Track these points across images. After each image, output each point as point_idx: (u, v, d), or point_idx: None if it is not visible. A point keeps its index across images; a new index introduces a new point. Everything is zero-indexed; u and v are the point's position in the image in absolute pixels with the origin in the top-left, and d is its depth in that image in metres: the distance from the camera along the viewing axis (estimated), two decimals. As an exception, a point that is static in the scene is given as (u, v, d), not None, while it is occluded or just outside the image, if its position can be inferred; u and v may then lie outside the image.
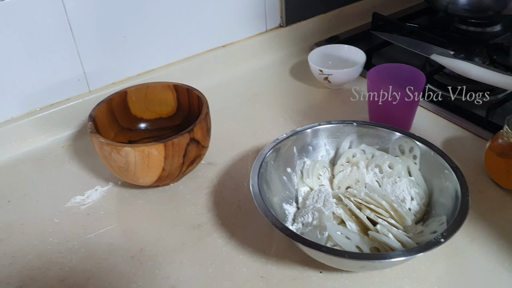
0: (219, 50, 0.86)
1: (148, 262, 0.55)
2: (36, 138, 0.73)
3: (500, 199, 0.60)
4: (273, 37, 0.91)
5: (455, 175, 0.53)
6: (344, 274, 0.52)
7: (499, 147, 0.60)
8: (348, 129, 0.62)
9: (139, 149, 0.57)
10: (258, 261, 0.54)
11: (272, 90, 0.85)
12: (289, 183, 0.60)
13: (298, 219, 0.56)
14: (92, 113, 0.63)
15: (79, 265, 0.55)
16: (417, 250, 0.46)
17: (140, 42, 0.77)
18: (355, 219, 0.54)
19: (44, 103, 0.73)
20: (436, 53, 0.79)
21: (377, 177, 0.59)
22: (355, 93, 0.80)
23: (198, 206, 0.62)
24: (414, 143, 0.59)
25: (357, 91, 0.80)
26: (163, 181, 0.62)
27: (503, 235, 0.56)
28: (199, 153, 0.62)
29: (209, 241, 0.57)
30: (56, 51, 0.71)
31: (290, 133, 0.61)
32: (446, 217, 0.51)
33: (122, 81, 0.78)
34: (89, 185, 0.66)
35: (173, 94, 0.69)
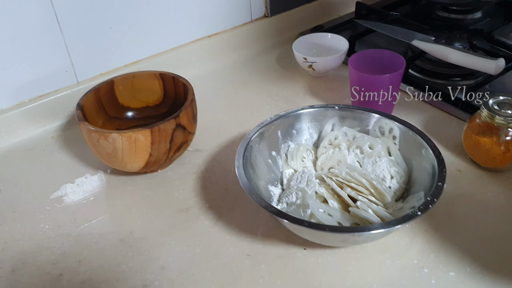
0: (204, 40, 0.88)
1: (138, 244, 0.57)
2: (26, 129, 0.75)
3: (478, 177, 0.63)
4: (258, 27, 0.93)
5: (432, 152, 0.55)
6: (327, 250, 0.54)
7: (477, 127, 0.62)
8: (330, 113, 0.64)
9: (126, 135, 0.58)
10: (245, 241, 0.56)
11: (258, 78, 0.87)
12: (274, 166, 0.62)
13: (282, 199, 0.57)
14: (80, 102, 0.64)
15: (70, 249, 0.57)
16: (395, 222, 0.48)
17: (127, 33, 0.79)
18: (337, 197, 0.56)
19: (33, 94, 0.74)
20: (417, 39, 0.81)
21: (358, 158, 0.61)
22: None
23: (186, 191, 0.64)
24: (394, 124, 0.61)
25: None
26: (151, 167, 0.64)
27: (480, 211, 0.58)
28: (185, 139, 0.64)
29: (197, 223, 0.59)
30: (43, 43, 0.72)
31: (274, 118, 0.62)
32: (424, 193, 0.53)
33: (110, 72, 0.79)
34: (79, 173, 0.68)
35: (159, 82, 0.70)
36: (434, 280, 0.51)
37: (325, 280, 0.51)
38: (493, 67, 0.71)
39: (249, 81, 0.86)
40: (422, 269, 0.52)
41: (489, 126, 0.60)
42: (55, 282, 0.53)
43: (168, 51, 0.84)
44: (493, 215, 0.57)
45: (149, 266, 0.54)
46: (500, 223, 0.56)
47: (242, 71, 0.89)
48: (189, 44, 0.87)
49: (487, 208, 0.58)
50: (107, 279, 0.53)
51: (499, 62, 0.71)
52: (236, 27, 0.91)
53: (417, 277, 0.51)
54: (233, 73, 0.88)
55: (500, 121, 0.59)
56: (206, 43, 0.88)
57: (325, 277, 0.52)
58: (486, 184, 0.61)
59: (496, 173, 0.63)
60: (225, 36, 0.90)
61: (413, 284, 0.50)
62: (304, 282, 0.51)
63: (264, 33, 0.94)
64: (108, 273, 0.53)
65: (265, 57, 0.92)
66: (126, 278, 0.53)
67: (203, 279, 0.52)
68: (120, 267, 0.54)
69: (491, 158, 0.61)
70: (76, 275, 0.53)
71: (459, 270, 0.51)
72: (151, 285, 0.52)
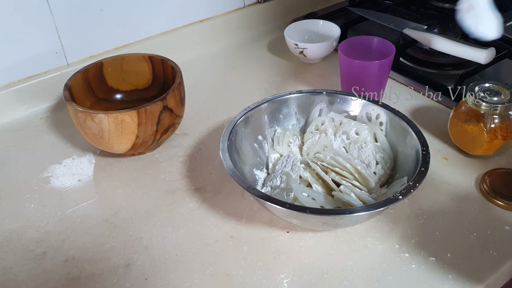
0: (196, 24, 0.88)
1: (122, 224, 0.57)
2: (15, 109, 0.75)
3: (464, 165, 0.63)
4: (250, 12, 0.93)
5: (417, 137, 0.55)
6: (310, 234, 0.55)
7: (463, 115, 0.62)
8: (318, 98, 0.64)
9: (112, 116, 0.58)
10: (228, 223, 0.56)
11: (249, 64, 0.86)
12: (260, 150, 0.62)
13: (267, 183, 0.58)
14: (67, 83, 0.64)
15: (55, 228, 0.57)
16: (376, 206, 0.48)
17: (118, 16, 0.78)
18: (321, 182, 0.56)
19: (22, 75, 0.74)
20: (409, 28, 0.81)
21: (344, 143, 0.61)
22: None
23: (172, 173, 0.64)
24: (381, 110, 0.61)
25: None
26: (138, 149, 0.64)
27: (464, 198, 0.58)
28: (172, 122, 0.64)
29: (182, 205, 0.59)
30: (33, 24, 0.71)
31: (261, 101, 0.62)
32: (407, 178, 0.53)
33: (100, 55, 0.79)
34: (66, 155, 0.68)
35: (148, 65, 0.70)
36: (415, 264, 0.51)
37: (306, 262, 0.52)
38: (483, 56, 0.71)
39: (240, 66, 0.86)
40: (403, 254, 0.52)
41: (475, 113, 0.60)
42: (38, 260, 0.53)
43: (159, 35, 0.84)
44: (476, 203, 0.57)
45: (133, 246, 0.54)
46: (484, 210, 0.56)
47: (233, 56, 0.89)
48: (181, 28, 0.86)
49: (471, 196, 0.58)
50: (90, 258, 0.53)
51: (489, 51, 0.71)
52: (229, 13, 0.91)
53: (398, 261, 0.51)
54: (224, 59, 0.88)
55: (486, 108, 0.59)
56: (198, 27, 0.88)
57: (306, 259, 0.52)
58: (472, 171, 0.62)
59: (483, 160, 0.63)
60: (217, 21, 0.89)
61: (394, 268, 0.51)
62: (285, 264, 0.52)
63: (256, 19, 0.94)
64: (92, 252, 0.54)
65: (257, 43, 0.92)
66: (109, 257, 0.53)
67: (186, 259, 0.52)
68: (104, 247, 0.54)
69: (478, 146, 0.61)
70: (60, 253, 0.54)
71: (440, 255, 0.52)
72: (134, 264, 0.52)
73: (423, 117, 0.71)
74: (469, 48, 0.72)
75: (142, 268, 0.52)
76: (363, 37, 0.74)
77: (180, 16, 0.85)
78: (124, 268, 0.52)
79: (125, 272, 0.51)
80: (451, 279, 0.49)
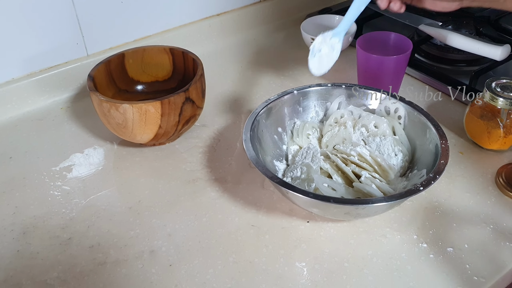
0: (214, 18, 0.89)
1: (146, 212, 0.58)
2: (36, 99, 0.76)
3: (480, 159, 0.64)
4: (267, 7, 0.93)
5: (436, 132, 0.56)
6: (330, 224, 0.56)
7: (479, 110, 0.63)
8: (337, 91, 0.65)
9: (137, 106, 0.59)
10: (249, 212, 0.58)
11: (266, 58, 0.87)
12: (280, 142, 0.63)
13: (287, 174, 0.59)
14: (91, 73, 0.65)
15: (80, 215, 0.58)
16: (398, 196, 0.49)
17: (137, 8, 0.79)
18: (341, 173, 0.57)
19: (43, 65, 0.75)
20: (424, 24, 0.82)
21: (363, 136, 0.62)
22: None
23: (193, 164, 0.65)
24: (399, 104, 0.62)
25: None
26: (160, 139, 0.65)
27: (480, 191, 0.59)
28: (194, 113, 0.65)
29: (203, 194, 0.60)
30: (55, 14, 0.72)
31: (281, 94, 0.64)
32: (426, 170, 0.54)
33: (119, 46, 0.80)
34: (88, 144, 0.69)
35: (169, 57, 0.71)
36: (433, 254, 0.52)
37: (327, 251, 0.53)
38: (498, 53, 0.72)
39: (257, 60, 0.87)
40: (421, 244, 0.53)
41: (491, 108, 0.61)
42: (64, 245, 0.55)
43: (178, 28, 0.85)
44: (492, 196, 0.59)
45: (157, 233, 0.55)
46: (500, 203, 0.58)
47: (249, 50, 0.90)
48: (199, 21, 0.87)
49: (487, 189, 0.59)
50: (115, 244, 0.54)
51: (504, 48, 0.72)
52: (245, 7, 0.92)
53: (416, 251, 0.53)
54: (241, 52, 0.89)
55: (502, 104, 0.60)
56: (216, 21, 0.89)
57: (327, 248, 0.53)
58: (487, 165, 0.63)
59: (498, 154, 0.64)
60: (234, 15, 0.90)
61: (412, 258, 0.52)
62: (306, 252, 0.53)
63: (272, 14, 0.95)
64: (117, 238, 0.55)
65: (273, 37, 0.93)
66: (133, 244, 0.54)
67: (209, 246, 0.54)
68: (128, 233, 0.56)
69: (494, 140, 0.63)
70: (85, 239, 0.55)
71: (457, 246, 0.53)
72: (158, 250, 0.53)
73: (438, 112, 0.72)
74: (484, 45, 0.73)
75: (166, 255, 0.53)
76: (380, 33, 0.74)
77: (198, 9, 0.86)
78: (149, 254, 0.53)
79: (150, 258, 0.53)
80: (468, 269, 0.51)
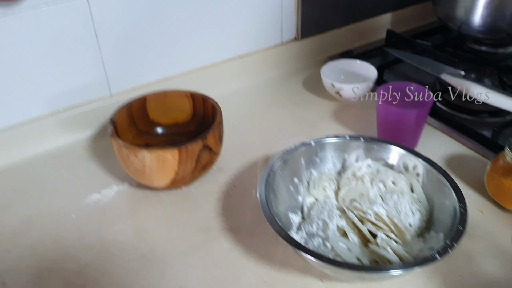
0: (235, 60, 0.90)
1: (158, 261, 0.58)
2: (58, 137, 0.77)
3: (500, 219, 0.62)
4: (288, 49, 0.94)
5: (455, 193, 0.55)
6: (344, 284, 0.55)
7: (501, 168, 0.62)
8: (355, 144, 0.65)
9: (155, 153, 0.60)
10: (262, 267, 0.57)
11: (285, 100, 0.88)
12: (296, 193, 0.63)
13: (302, 228, 0.58)
14: (113, 117, 0.66)
15: (94, 260, 0.59)
16: (413, 264, 0.48)
17: (160, 50, 0.81)
18: (357, 231, 0.57)
19: (67, 103, 0.77)
20: (446, 73, 0.81)
21: (381, 192, 0.61)
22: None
23: (207, 210, 0.65)
24: (418, 161, 0.61)
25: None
26: (176, 184, 0.65)
27: (500, 256, 0.58)
28: (211, 159, 0.65)
29: (217, 245, 0.60)
30: (81, 55, 0.74)
31: (298, 145, 0.63)
32: (444, 235, 0.53)
33: (142, 87, 0.81)
34: (106, 184, 0.70)
35: (189, 101, 0.72)
36: (449, 323, 0.51)
37: (339, 313, 0.52)
38: (522, 108, 0.70)
39: (276, 102, 0.87)
40: (437, 310, 0.52)
41: (514, 169, 0.60)
42: (77, 292, 0.55)
43: (199, 69, 0.86)
44: (513, 261, 0.57)
45: (168, 285, 0.55)
46: (520, 269, 0.56)
47: (269, 92, 0.90)
48: (220, 63, 0.88)
49: (508, 253, 0.58)
50: (127, 294, 0.55)
51: (528, 103, 0.70)
52: (266, 49, 0.93)
53: (432, 318, 0.51)
54: (260, 94, 0.90)
55: (526, 167, 0.59)
56: (236, 63, 0.90)
57: (339, 310, 0.52)
58: (509, 227, 0.61)
59: (519, 216, 0.63)
60: (255, 58, 0.91)
61: (428, 326, 0.51)
62: (318, 314, 0.52)
63: (293, 56, 0.95)
64: None
65: (293, 80, 0.94)
66: (145, 295, 0.54)
67: (220, 302, 0.53)
68: (140, 283, 0.56)
69: (515, 201, 0.61)
70: (99, 287, 0.55)
71: (476, 314, 0.51)
72: (169, 303, 0.53)
73: (457, 165, 0.71)
74: (507, 98, 0.72)
75: (177, 308, 0.53)
76: (400, 83, 0.74)
77: (220, 51, 0.88)
78: (160, 306, 0.53)
79: (161, 311, 0.53)
80: None
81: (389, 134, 0.71)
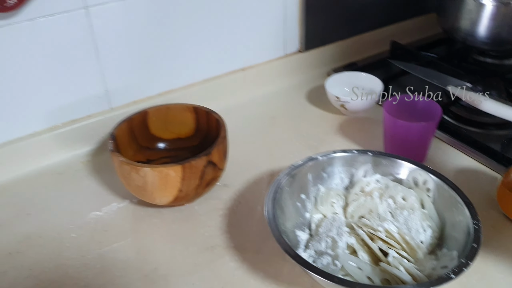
0: (238, 73, 0.88)
1: (161, 281, 0.56)
2: (57, 152, 0.75)
3: (512, 235, 0.61)
4: (291, 61, 0.93)
5: (468, 210, 0.54)
6: (354, 304, 0.53)
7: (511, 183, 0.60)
8: (363, 158, 0.63)
9: (157, 170, 0.58)
10: (269, 287, 0.55)
11: (289, 114, 0.86)
12: (303, 209, 0.61)
13: (310, 246, 0.56)
14: (113, 132, 0.65)
15: (94, 281, 0.56)
16: (427, 285, 0.46)
17: (162, 63, 0.80)
18: (367, 249, 0.55)
19: (66, 118, 0.75)
20: (452, 85, 0.80)
21: (390, 208, 0.59)
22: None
23: (212, 228, 0.63)
24: (428, 176, 0.59)
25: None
26: (179, 202, 0.64)
27: (514, 273, 0.56)
28: (215, 175, 0.64)
29: (222, 264, 0.58)
30: (80, 68, 0.73)
31: (306, 160, 0.62)
32: (458, 253, 0.51)
33: (143, 100, 0.80)
34: (106, 202, 0.68)
35: (192, 115, 0.71)
36: None
37: (350, 336, 0.50)
38: (530, 120, 0.69)
39: (280, 115, 0.86)
40: (452, 332, 0.50)
41: (528, 185, 0.59)
42: (77, 315, 0.53)
43: (201, 82, 0.85)
44: (528, 279, 0.55)
45: (172, 306, 0.53)
46: (536, 288, 0.54)
47: (273, 105, 0.89)
48: (223, 76, 0.87)
49: (523, 271, 0.56)
50: (129, 317, 0.52)
51: (537, 116, 0.69)
52: (270, 61, 0.91)
53: None
54: (264, 107, 0.88)
55: (540, 182, 0.57)
56: (240, 75, 0.88)
57: (351, 333, 0.50)
58: (522, 244, 0.59)
59: (532, 232, 0.61)
60: (259, 70, 0.90)
61: None
62: (329, 337, 0.50)
63: (297, 68, 0.94)
64: (131, 310, 0.53)
65: (297, 92, 0.92)
66: (148, 318, 0.52)
67: (226, 325, 0.51)
68: (143, 305, 0.54)
69: (528, 217, 0.59)
70: (99, 310, 0.53)
71: (492, 336, 0.49)
72: (173, 327, 0.51)
73: (467, 179, 0.69)
74: (514, 110, 0.71)
75: (181, 332, 0.51)
76: (407, 96, 0.73)
77: (223, 64, 0.86)
78: (163, 330, 0.51)
79: (164, 335, 0.50)
80: None
81: (396, 148, 0.70)
